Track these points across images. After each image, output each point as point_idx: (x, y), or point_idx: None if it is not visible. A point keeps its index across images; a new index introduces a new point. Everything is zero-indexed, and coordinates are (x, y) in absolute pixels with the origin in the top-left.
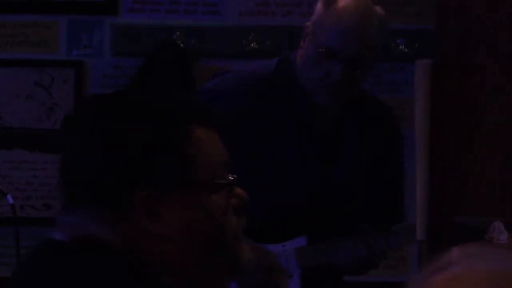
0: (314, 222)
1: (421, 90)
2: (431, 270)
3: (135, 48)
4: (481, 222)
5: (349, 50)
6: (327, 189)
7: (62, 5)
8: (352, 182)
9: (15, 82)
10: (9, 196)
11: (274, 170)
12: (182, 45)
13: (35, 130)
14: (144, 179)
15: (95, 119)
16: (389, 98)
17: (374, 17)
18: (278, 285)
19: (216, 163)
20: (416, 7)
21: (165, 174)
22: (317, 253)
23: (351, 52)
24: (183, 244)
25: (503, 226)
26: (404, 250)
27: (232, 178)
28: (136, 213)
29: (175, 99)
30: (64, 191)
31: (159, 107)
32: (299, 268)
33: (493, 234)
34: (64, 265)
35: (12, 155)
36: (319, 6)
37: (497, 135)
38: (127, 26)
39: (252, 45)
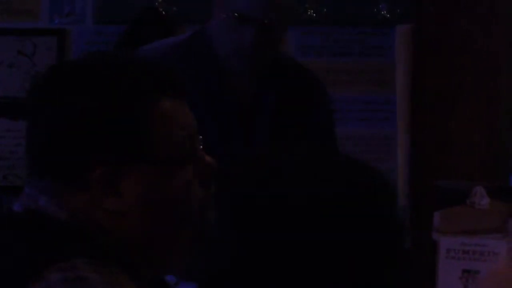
0: None
1: (401, 55)
2: None
3: (117, 15)
4: (463, 186)
5: (260, 13)
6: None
7: None
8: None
9: None
10: None
11: None
12: (164, 12)
13: (19, 99)
14: (103, 154)
15: (56, 91)
16: (371, 63)
17: None
18: None
19: (180, 136)
20: None
21: (125, 150)
22: None
23: (262, 16)
24: (142, 220)
25: (485, 191)
26: None
27: (198, 150)
28: (94, 188)
29: (139, 69)
30: (26, 162)
31: (120, 78)
32: None
33: (475, 199)
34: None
35: None
36: None
37: (479, 99)
38: None
39: None
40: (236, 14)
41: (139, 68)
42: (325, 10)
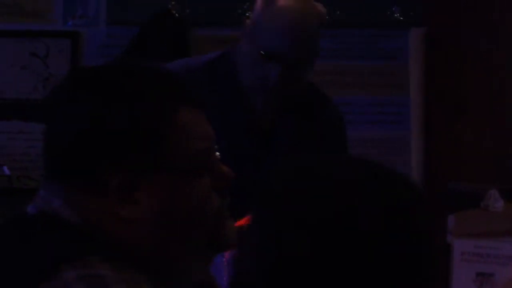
0: None
1: (415, 58)
2: None
3: (130, 17)
4: (476, 189)
5: (286, 52)
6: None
7: None
8: None
9: (10, 52)
10: (5, 167)
11: None
12: (177, 14)
13: (31, 101)
14: (121, 162)
15: (77, 96)
16: (383, 65)
17: (314, 17)
18: None
19: (199, 146)
20: None
21: (144, 158)
22: None
23: (290, 56)
24: (157, 229)
25: (499, 194)
26: None
27: (215, 160)
28: (111, 195)
29: (160, 79)
30: (43, 164)
31: (142, 86)
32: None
33: (489, 202)
34: (11, 236)
35: (8, 126)
36: (258, 3)
37: (491, 102)
38: None
39: (247, 14)
40: (262, 52)
41: (160, 77)
42: (338, 12)
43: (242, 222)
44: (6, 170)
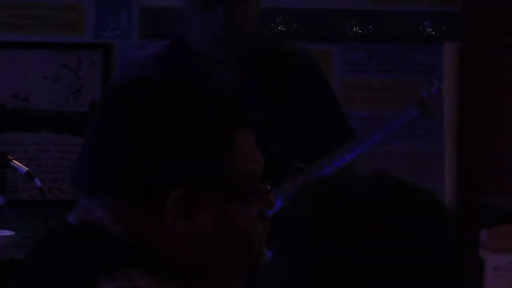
0: None
1: (448, 72)
2: None
3: (162, 30)
4: (509, 204)
5: None
6: None
7: None
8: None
9: (42, 64)
10: (36, 179)
11: None
12: None
13: (63, 113)
14: (181, 177)
15: (134, 109)
16: (416, 80)
17: None
18: None
19: (254, 171)
20: None
21: (203, 175)
22: None
23: None
24: (207, 246)
25: None
26: None
27: (267, 188)
28: (166, 210)
29: (221, 97)
30: (90, 175)
31: (204, 103)
32: None
33: None
34: (53, 248)
35: (39, 137)
36: None
37: None
38: (155, 8)
39: (279, 27)
40: None
41: (221, 96)
42: (370, 27)
43: None
44: (37, 182)
